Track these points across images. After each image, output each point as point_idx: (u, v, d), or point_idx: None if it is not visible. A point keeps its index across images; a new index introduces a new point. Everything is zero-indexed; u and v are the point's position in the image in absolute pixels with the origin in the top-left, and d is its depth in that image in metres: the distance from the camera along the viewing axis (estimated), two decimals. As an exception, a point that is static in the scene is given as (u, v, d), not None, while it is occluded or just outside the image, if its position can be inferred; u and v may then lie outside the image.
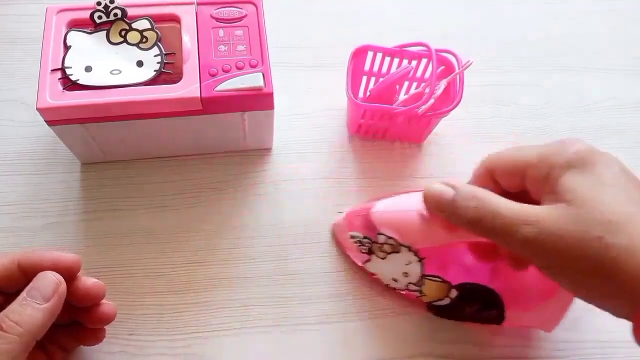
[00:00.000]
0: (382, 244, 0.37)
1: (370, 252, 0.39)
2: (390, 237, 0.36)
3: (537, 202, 0.31)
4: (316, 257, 0.44)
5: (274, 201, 0.46)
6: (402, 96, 0.48)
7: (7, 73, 0.51)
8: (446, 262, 0.38)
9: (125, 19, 0.41)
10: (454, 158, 0.50)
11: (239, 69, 0.41)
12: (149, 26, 0.41)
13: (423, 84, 0.48)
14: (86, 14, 0.41)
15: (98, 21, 0.41)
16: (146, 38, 0.41)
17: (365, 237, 0.39)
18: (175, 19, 0.42)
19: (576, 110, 0.54)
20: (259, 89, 0.40)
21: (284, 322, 0.41)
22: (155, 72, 0.40)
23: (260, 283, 0.42)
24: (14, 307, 0.29)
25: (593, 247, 0.27)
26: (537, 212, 0.29)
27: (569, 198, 0.29)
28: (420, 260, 0.37)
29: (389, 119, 0.46)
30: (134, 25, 0.41)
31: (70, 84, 0.39)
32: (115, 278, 0.42)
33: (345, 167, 0.48)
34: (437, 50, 0.45)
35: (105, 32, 0.41)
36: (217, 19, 0.43)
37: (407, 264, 0.37)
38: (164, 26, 0.42)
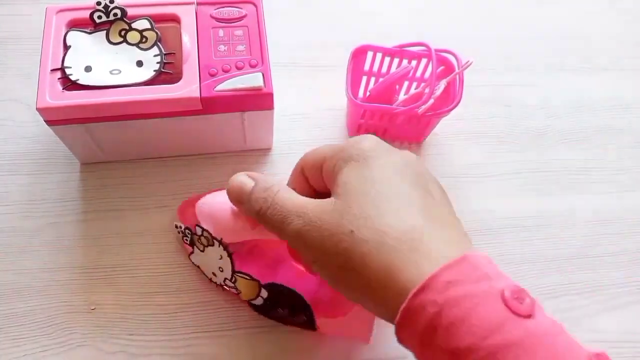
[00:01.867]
0: (199, 236, 0.36)
1: (192, 243, 0.38)
2: (205, 230, 0.35)
3: None
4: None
5: (273, 201, 0.46)
6: (402, 96, 0.48)
7: (7, 73, 0.51)
8: (255, 260, 0.38)
9: (125, 19, 0.41)
10: (454, 158, 0.50)
11: (238, 69, 0.41)
12: (149, 26, 0.41)
13: (423, 84, 0.48)
14: (86, 14, 0.41)
15: (98, 21, 0.41)
16: (146, 38, 0.41)
17: (186, 228, 0.38)
18: (175, 19, 0.42)
19: (576, 110, 0.54)
20: (258, 89, 0.40)
21: (284, 322, 0.41)
22: (155, 72, 0.40)
23: (260, 283, 0.42)
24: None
25: (345, 240, 0.26)
26: (309, 204, 0.29)
27: (340, 191, 0.28)
28: (230, 255, 0.36)
29: (389, 119, 0.46)
30: (133, 25, 0.41)
31: (70, 84, 0.39)
32: (115, 278, 0.42)
33: (345, 167, 0.48)
34: (437, 50, 0.45)
35: (105, 32, 0.41)
36: (217, 19, 0.43)
37: (219, 259, 0.36)
38: (164, 26, 0.42)
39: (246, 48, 0.42)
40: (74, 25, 0.41)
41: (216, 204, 0.36)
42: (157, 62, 0.40)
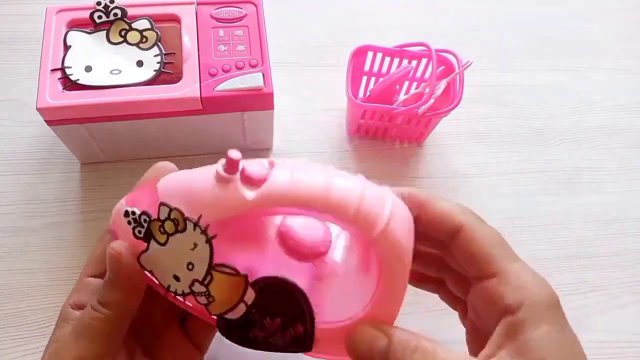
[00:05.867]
0: (164, 220, 0.26)
1: (148, 236, 0.27)
2: (173, 209, 0.26)
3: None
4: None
5: (274, 201, 0.46)
6: (402, 96, 0.48)
7: (7, 73, 0.51)
8: (244, 247, 0.29)
9: (125, 19, 0.41)
10: (454, 158, 0.50)
11: (238, 68, 0.41)
12: (149, 26, 0.41)
13: (423, 84, 0.48)
14: (86, 14, 0.41)
15: (98, 21, 0.41)
16: (146, 38, 0.41)
17: (143, 213, 0.27)
18: (175, 19, 0.42)
19: (576, 111, 0.54)
20: (258, 89, 0.40)
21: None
22: (155, 72, 0.40)
23: (260, 283, 0.42)
24: (101, 288, 0.28)
25: None
26: None
27: (531, 355, 0.24)
28: (209, 240, 0.26)
29: (389, 119, 0.46)
30: (134, 25, 0.41)
31: (70, 84, 0.39)
32: (115, 278, 0.42)
33: (345, 167, 0.48)
34: (437, 50, 0.45)
35: (105, 32, 0.41)
36: (217, 19, 0.43)
37: (192, 249, 0.26)
38: (164, 26, 0.42)
39: (246, 48, 0.42)
40: (74, 25, 0.41)
41: (191, 173, 0.28)
42: (158, 62, 0.40)
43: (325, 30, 0.56)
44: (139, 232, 0.27)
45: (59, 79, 0.39)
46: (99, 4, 0.40)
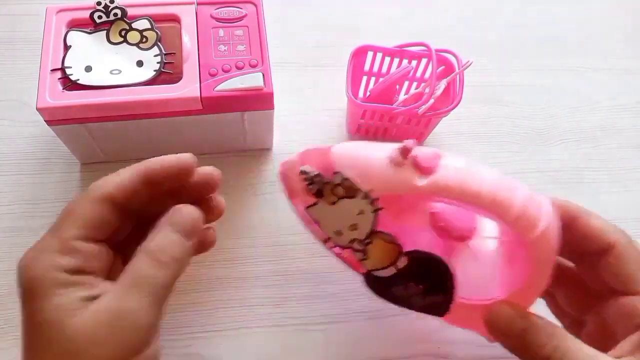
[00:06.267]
0: (336, 184, 0.31)
1: (318, 194, 0.32)
2: (347, 178, 0.30)
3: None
4: (316, 256, 0.44)
5: (274, 201, 0.46)
6: (402, 96, 0.48)
7: (7, 73, 0.51)
8: (404, 222, 0.33)
9: (125, 19, 0.41)
10: (454, 158, 0.50)
11: (238, 68, 0.41)
12: (149, 26, 0.41)
13: (423, 84, 0.48)
14: (86, 14, 0.41)
15: (98, 21, 0.41)
16: (146, 38, 0.41)
17: (317, 175, 0.31)
18: (175, 19, 0.42)
19: (576, 111, 0.54)
20: (258, 89, 0.40)
21: (284, 322, 0.41)
22: (155, 72, 0.40)
23: (261, 283, 0.42)
24: (165, 241, 0.28)
25: None
26: None
27: None
28: (376, 211, 0.31)
29: (389, 119, 0.46)
30: (134, 25, 0.41)
31: (70, 84, 0.39)
32: (115, 278, 0.42)
33: (345, 167, 0.48)
34: (437, 50, 0.45)
35: (105, 32, 0.41)
36: (217, 19, 0.43)
37: (358, 214, 0.31)
38: (164, 26, 0.42)
39: (246, 48, 0.42)
40: (74, 25, 0.41)
41: (366, 149, 0.31)
42: (158, 62, 0.40)
43: (325, 30, 0.56)
44: (311, 189, 0.32)
45: (59, 79, 0.39)
46: (99, 4, 0.41)
